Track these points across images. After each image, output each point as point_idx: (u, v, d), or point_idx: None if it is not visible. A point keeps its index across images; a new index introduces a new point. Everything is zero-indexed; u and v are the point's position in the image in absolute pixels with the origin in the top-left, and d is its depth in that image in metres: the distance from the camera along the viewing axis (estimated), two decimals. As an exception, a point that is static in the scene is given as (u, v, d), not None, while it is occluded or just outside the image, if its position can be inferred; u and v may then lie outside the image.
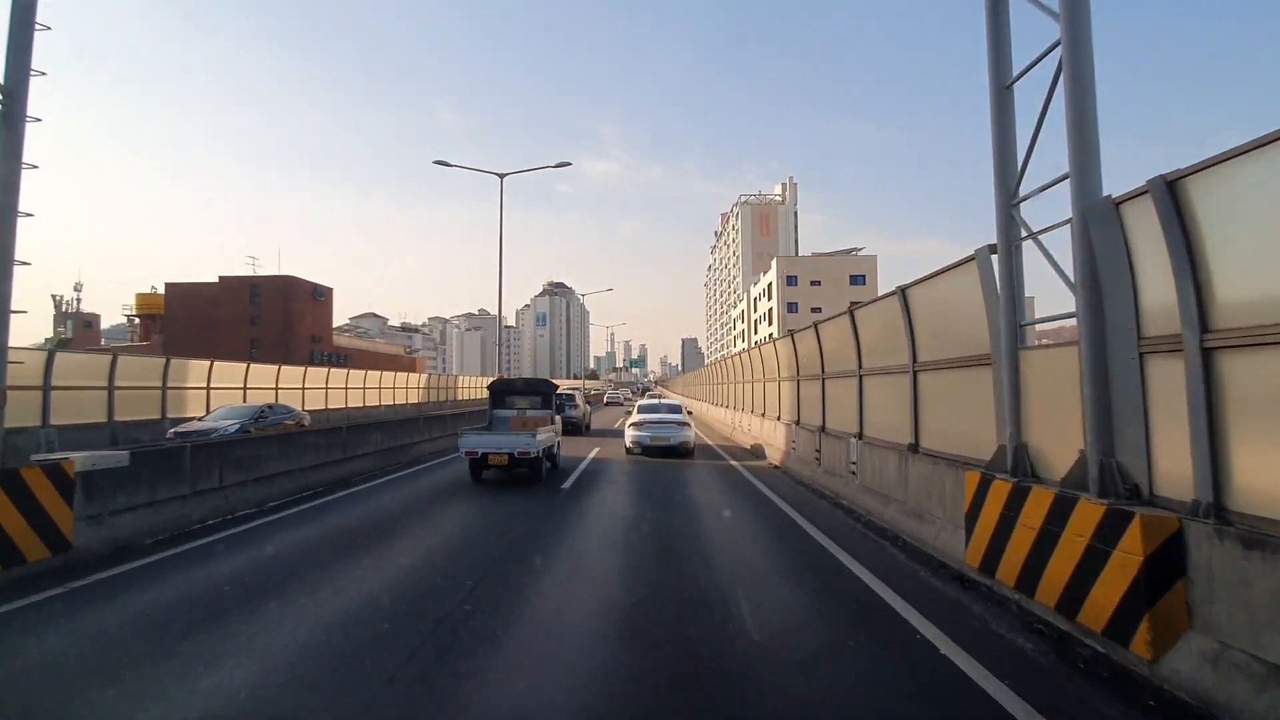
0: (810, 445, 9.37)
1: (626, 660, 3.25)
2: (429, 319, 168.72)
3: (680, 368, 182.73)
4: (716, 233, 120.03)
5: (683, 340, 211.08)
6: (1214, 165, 2.87)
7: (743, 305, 74.68)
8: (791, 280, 57.96)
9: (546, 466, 9.67)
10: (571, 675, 3.05)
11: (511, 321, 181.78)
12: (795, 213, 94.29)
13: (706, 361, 76.03)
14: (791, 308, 55.99)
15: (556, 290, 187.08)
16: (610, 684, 2.98)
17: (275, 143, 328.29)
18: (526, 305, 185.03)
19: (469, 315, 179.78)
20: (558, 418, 11.39)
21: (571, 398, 17.69)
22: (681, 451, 12.56)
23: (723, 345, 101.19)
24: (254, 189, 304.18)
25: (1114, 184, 3.59)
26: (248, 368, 18.55)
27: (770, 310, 59.59)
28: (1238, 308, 2.83)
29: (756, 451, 13.34)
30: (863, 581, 4.61)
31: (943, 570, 4.83)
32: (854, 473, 7.43)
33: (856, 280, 56.72)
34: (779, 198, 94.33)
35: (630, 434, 13.00)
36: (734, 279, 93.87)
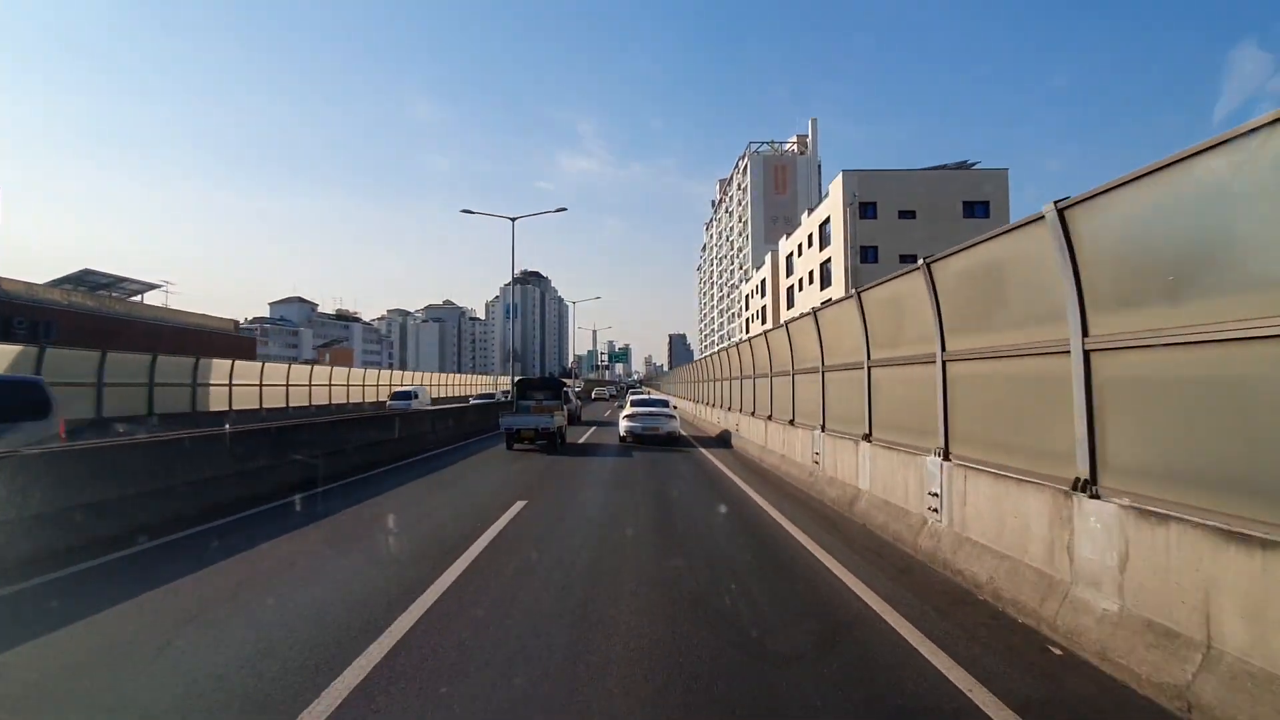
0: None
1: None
2: (389, 310, 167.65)
3: (667, 366, 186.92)
4: (714, 202, 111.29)
5: (670, 336, 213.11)
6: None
7: (760, 275, 63.23)
8: (868, 211, 39.20)
9: (558, 440, 14.94)
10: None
11: (481, 314, 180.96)
12: (819, 165, 79.18)
13: (695, 357, 69.85)
14: (869, 255, 38.83)
15: (528, 279, 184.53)
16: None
17: (235, 132, 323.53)
18: (496, 297, 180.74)
19: (430, 306, 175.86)
20: (565, 406, 16.83)
21: (568, 393, 23.14)
22: (669, 440, 16.37)
23: (722, 335, 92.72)
24: (210, 181, 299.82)
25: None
26: None
27: (821, 268, 44.04)
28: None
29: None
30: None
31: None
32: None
33: (975, 210, 38.70)
34: (795, 148, 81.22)
35: (624, 424, 16.45)
36: (739, 251, 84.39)
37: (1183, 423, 3.20)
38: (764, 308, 61.40)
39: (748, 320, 68.54)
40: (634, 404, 17.72)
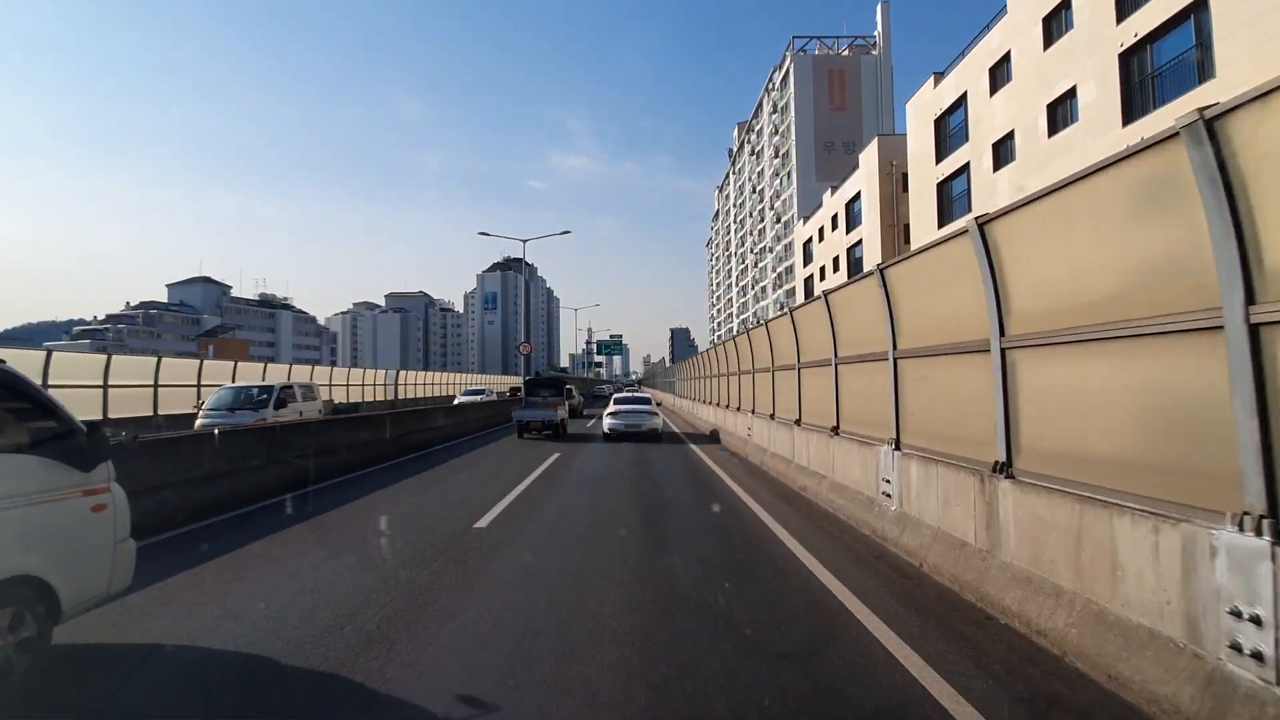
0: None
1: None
2: (354, 304, 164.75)
3: (668, 361, 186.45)
4: (732, 152, 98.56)
5: (671, 330, 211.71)
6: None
7: (823, 215, 47.72)
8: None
9: (561, 431, 19.56)
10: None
11: (459, 307, 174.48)
12: (892, 69, 63.15)
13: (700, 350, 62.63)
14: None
15: (511, 265, 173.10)
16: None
17: (224, 133, 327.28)
18: (474, 289, 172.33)
19: (392, 294, 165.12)
20: (568, 402, 21.50)
21: (570, 390, 26.40)
22: (650, 436, 18.84)
23: (746, 317, 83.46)
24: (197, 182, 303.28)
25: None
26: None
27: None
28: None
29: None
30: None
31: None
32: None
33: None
34: (851, 53, 64.08)
35: (608, 421, 19.06)
36: (777, 197, 68.36)
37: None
38: (807, 279, 48.84)
39: (810, 280, 51.07)
40: (617, 402, 20.46)
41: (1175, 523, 3.14)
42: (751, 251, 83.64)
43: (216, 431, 8.95)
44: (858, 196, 40.35)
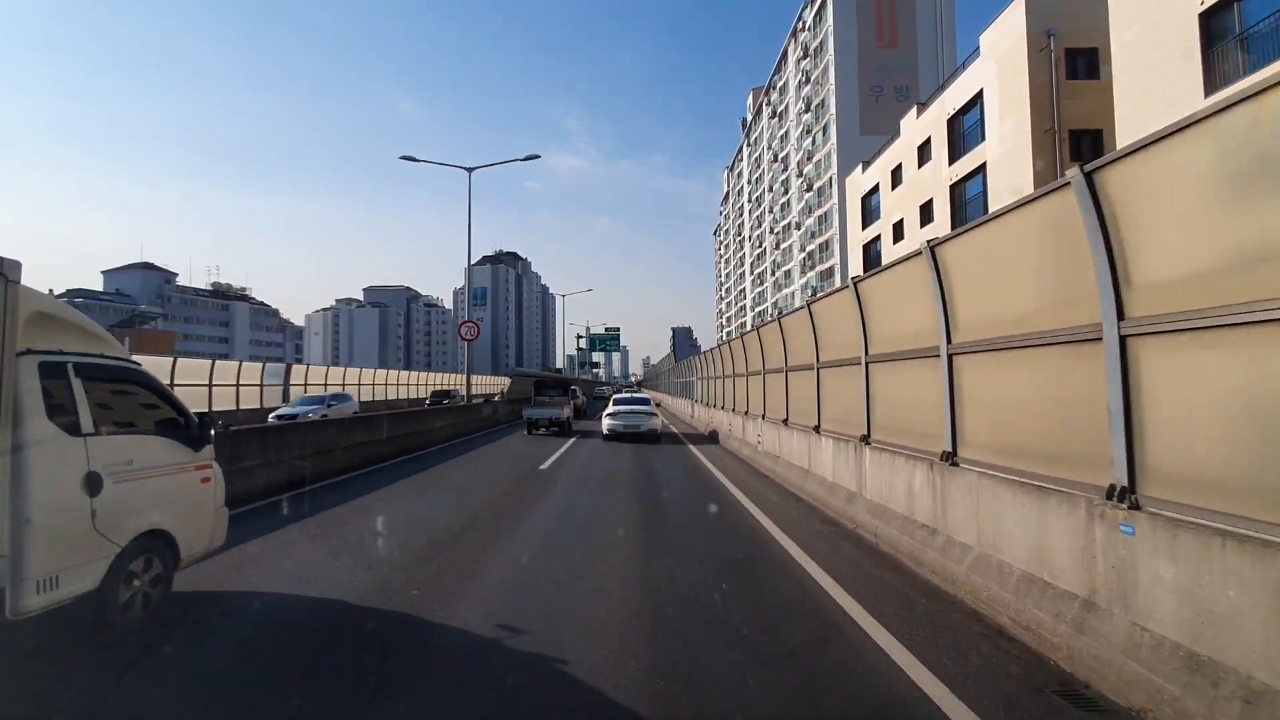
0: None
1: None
2: (337, 300, 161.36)
3: (674, 360, 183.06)
4: (746, 122, 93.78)
5: (673, 329, 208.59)
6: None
7: (896, 157, 36.09)
8: (1077, 62, 24.61)
9: (567, 428, 23.65)
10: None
11: (448, 302, 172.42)
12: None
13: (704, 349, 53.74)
14: (1082, 143, 24.15)
15: (503, 259, 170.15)
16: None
17: (221, 130, 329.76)
18: (462, 285, 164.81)
19: (370, 288, 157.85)
20: (573, 402, 25.94)
21: (575, 391, 31.36)
22: (649, 437, 19.91)
23: (764, 308, 78.03)
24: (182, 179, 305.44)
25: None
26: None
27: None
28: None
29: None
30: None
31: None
32: None
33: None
34: None
35: (606, 422, 20.14)
36: (811, 160, 60.46)
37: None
38: (918, 210, 33.56)
39: (873, 247, 39.90)
40: (616, 403, 21.45)
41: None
42: (771, 231, 76.74)
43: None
44: (972, 104, 28.37)
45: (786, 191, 70.45)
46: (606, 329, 69.86)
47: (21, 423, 3.79)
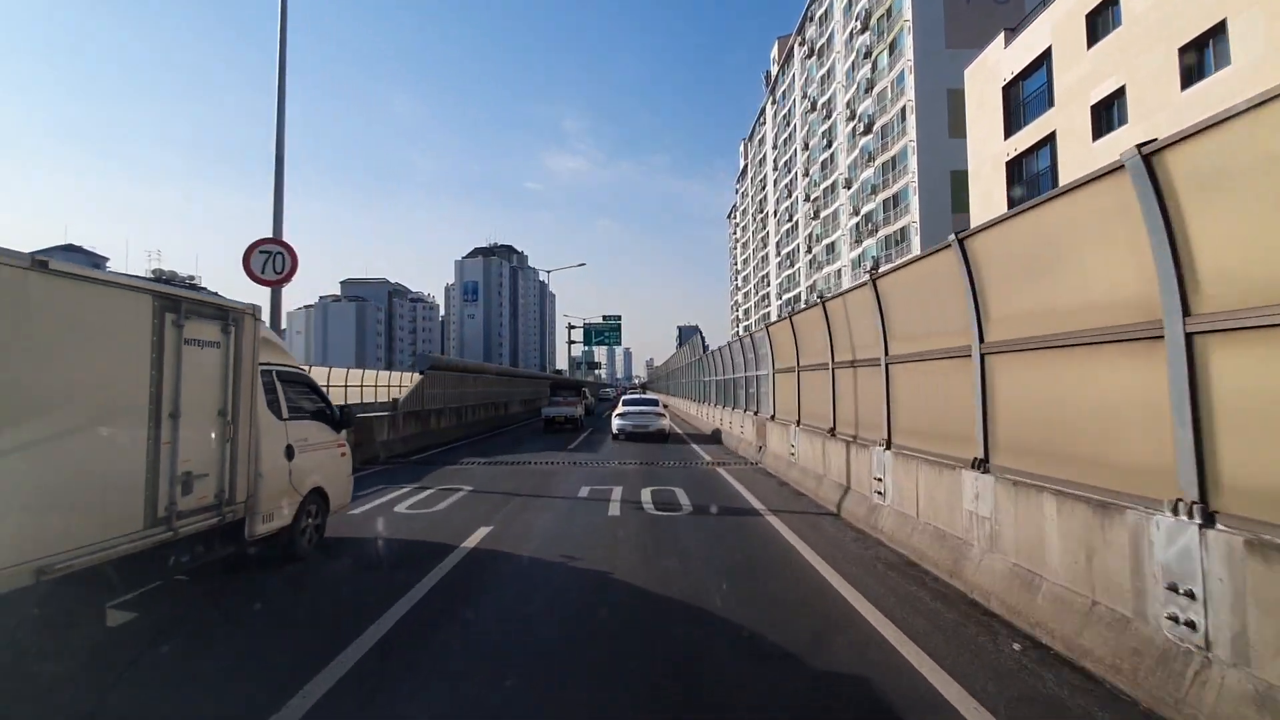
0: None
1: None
2: (321, 297, 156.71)
3: (691, 353, 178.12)
4: (770, 74, 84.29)
5: (679, 328, 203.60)
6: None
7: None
8: None
9: (580, 424, 27.00)
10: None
11: (440, 300, 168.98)
12: None
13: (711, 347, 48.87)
14: None
15: (495, 251, 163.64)
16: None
17: (220, 130, 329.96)
18: (453, 281, 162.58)
19: (348, 281, 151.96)
20: (583, 402, 29.89)
21: (585, 392, 36.05)
22: (658, 437, 21.50)
23: (779, 297, 73.26)
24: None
25: None
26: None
27: None
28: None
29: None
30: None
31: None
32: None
33: None
34: None
35: (616, 422, 21.76)
36: (867, 91, 50.26)
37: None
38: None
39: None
40: (625, 404, 22.83)
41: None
42: (807, 199, 65.44)
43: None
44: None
45: (830, 144, 59.61)
46: (605, 318, 63.57)
47: (256, 412, 6.06)
